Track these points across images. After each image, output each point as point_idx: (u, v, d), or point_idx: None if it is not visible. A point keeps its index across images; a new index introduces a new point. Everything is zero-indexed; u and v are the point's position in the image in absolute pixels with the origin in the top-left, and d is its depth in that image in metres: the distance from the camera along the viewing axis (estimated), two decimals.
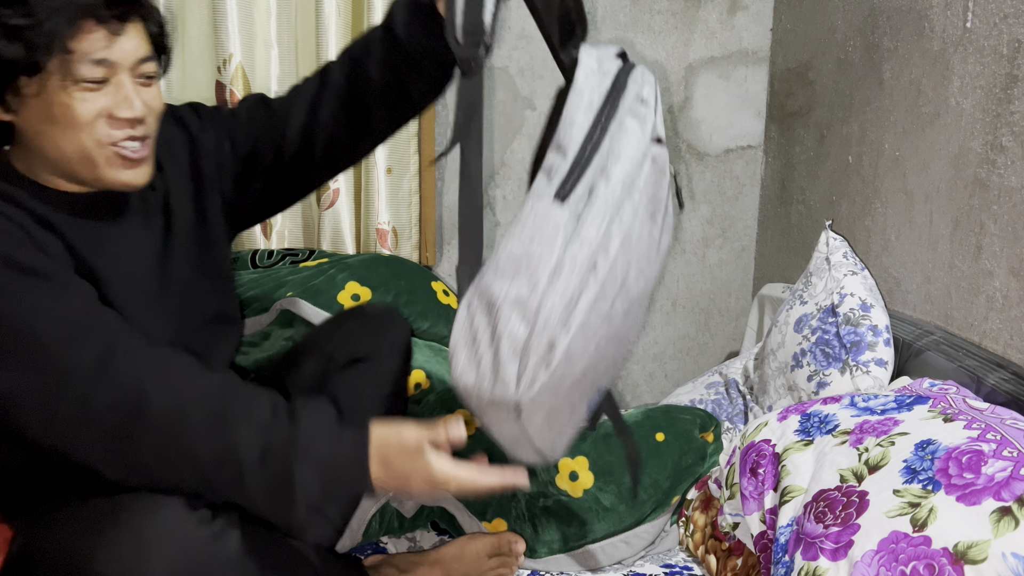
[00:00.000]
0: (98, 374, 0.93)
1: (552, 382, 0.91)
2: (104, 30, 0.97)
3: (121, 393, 0.93)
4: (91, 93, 0.98)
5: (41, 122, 0.99)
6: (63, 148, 1.00)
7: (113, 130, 1.00)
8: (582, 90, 0.98)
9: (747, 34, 2.20)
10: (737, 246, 2.31)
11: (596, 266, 0.92)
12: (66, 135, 0.99)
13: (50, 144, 1.00)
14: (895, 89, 1.61)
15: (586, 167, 0.95)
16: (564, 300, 0.90)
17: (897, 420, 1.13)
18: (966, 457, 0.99)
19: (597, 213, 0.93)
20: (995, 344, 1.32)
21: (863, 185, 1.73)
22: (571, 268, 0.91)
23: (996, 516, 0.91)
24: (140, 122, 1.02)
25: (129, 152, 1.01)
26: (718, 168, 2.26)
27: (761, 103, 2.23)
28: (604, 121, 0.97)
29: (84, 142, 0.99)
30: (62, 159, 1.01)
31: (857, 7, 1.75)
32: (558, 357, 0.90)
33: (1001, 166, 1.30)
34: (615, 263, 0.93)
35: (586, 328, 0.92)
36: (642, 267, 0.98)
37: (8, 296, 0.94)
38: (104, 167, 1.01)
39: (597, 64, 1.01)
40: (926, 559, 0.92)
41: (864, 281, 1.54)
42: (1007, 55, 1.29)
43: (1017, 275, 1.27)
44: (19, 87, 0.96)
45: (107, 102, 0.99)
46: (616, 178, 0.94)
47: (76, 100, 0.97)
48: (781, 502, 1.15)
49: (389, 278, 1.82)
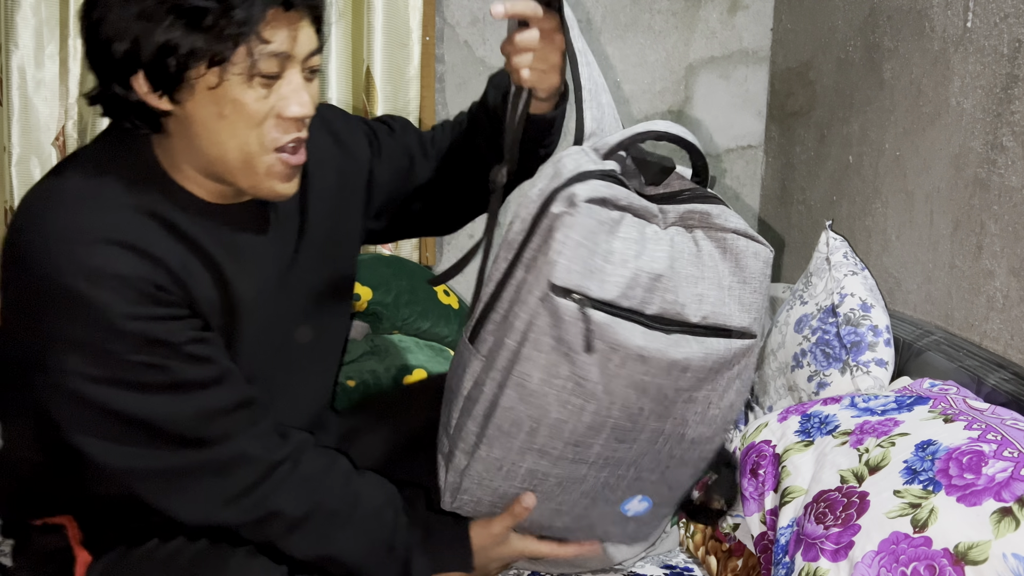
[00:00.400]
0: (249, 481, 0.97)
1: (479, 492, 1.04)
2: (287, 20, 0.89)
3: (268, 507, 0.98)
4: (264, 89, 0.89)
5: (209, 117, 0.89)
6: (226, 147, 0.91)
7: (280, 133, 0.92)
8: (511, 223, 0.95)
9: (747, 34, 2.20)
10: None
11: (495, 411, 0.97)
12: (234, 133, 0.90)
13: (212, 142, 0.91)
14: (895, 89, 1.60)
15: (489, 315, 0.96)
16: (475, 431, 0.99)
17: (897, 421, 1.13)
18: (967, 458, 0.99)
19: (501, 362, 0.95)
20: (996, 344, 1.32)
21: (863, 185, 1.72)
22: (478, 404, 0.98)
23: (997, 517, 0.91)
24: (306, 123, 0.94)
25: (291, 159, 0.93)
26: (718, 168, 2.26)
27: (761, 103, 2.23)
28: (512, 268, 0.93)
29: (250, 144, 0.91)
30: (219, 160, 0.92)
31: (857, 7, 1.75)
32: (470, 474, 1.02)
33: (1002, 166, 1.30)
34: (515, 410, 0.96)
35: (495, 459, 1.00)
36: (552, 411, 0.95)
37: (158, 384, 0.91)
38: (263, 175, 0.93)
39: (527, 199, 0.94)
40: (927, 560, 0.92)
41: (864, 281, 1.54)
42: (1007, 55, 1.29)
43: (1018, 275, 1.27)
44: (193, 77, 0.87)
45: (276, 100, 0.90)
46: (517, 329, 0.92)
47: (250, 96, 0.89)
48: (781, 503, 1.15)
49: (389, 278, 1.82)
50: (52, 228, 0.88)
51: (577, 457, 0.98)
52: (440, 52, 2.13)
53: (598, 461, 0.99)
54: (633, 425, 0.96)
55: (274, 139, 0.92)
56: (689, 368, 0.93)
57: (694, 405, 0.97)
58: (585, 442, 0.97)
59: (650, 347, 0.91)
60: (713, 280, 0.94)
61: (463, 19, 2.12)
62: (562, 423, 0.95)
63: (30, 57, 1.94)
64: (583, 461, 0.99)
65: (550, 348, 0.91)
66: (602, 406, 0.94)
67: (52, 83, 1.97)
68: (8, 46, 1.92)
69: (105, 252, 0.87)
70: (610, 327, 0.89)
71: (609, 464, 1.00)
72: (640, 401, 0.94)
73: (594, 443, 0.97)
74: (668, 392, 0.94)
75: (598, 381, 0.92)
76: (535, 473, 1.00)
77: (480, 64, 2.14)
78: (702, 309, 0.93)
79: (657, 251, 0.93)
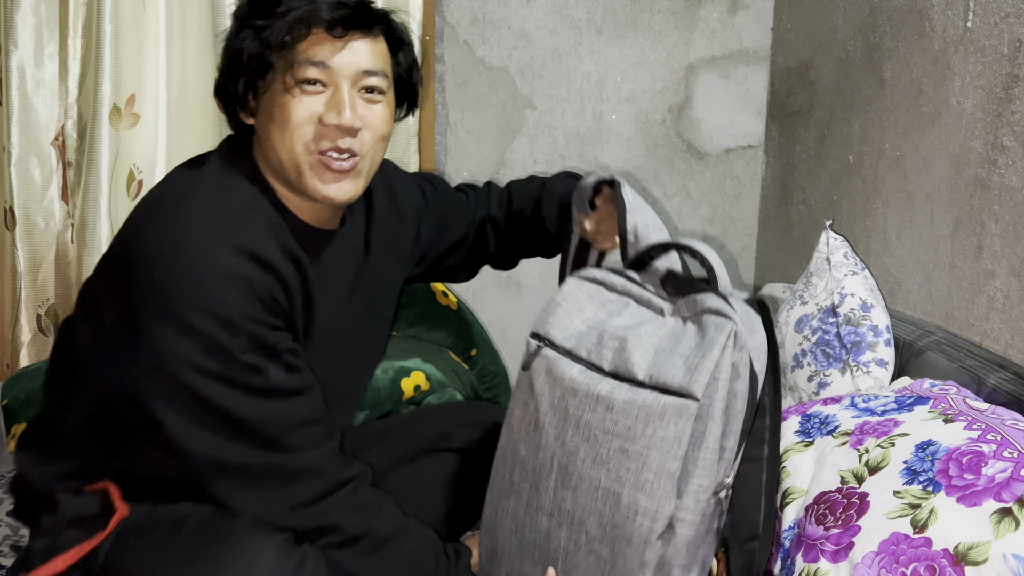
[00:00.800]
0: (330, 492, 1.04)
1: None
2: (329, 35, 1.00)
3: (329, 520, 1.05)
4: (308, 96, 1.00)
5: (266, 122, 1.02)
6: (279, 149, 1.01)
7: (322, 137, 1.01)
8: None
9: (747, 33, 2.20)
10: (737, 246, 2.30)
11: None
12: (282, 136, 1.01)
13: (270, 146, 1.02)
14: (896, 89, 1.60)
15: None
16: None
17: (897, 421, 1.13)
18: (966, 458, 0.99)
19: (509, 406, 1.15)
20: (996, 344, 1.32)
21: (864, 185, 1.72)
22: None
23: (997, 517, 0.91)
24: (351, 133, 1.02)
25: (333, 162, 1.02)
26: (718, 168, 2.25)
27: (761, 103, 2.23)
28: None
29: (294, 144, 1.00)
30: (277, 161, 1.03)
31: (858, 7, 1.75)
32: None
33: (1002, 166, 1.30)
34: (504, 448, 1.13)
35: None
36: (520, 447, 1.10)
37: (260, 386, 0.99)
38: (308, 174, 1.02)
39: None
40: (927, 560, 0.92)
41: (865, 281, 1.54)
42: (1008, 55, 1.29)
43: (1018, 275, 1.27)
44: (257, 88, 1.01)
45: (321, 107, 1.00)
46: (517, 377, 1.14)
47: (294, 101, 1.00)
48: (782, 504, 1.15)
49: None
50: (190, 224, 0.97)
51: (537, 504, 1.06)
52: (440, 52, 2.13)
53: (554, 512, 1.04)
54: (572, 467, 1.02)
55: (315, 142, 1.01)
56: (613, 407, 0.99)
57: (627, 459, 0.97)
58: (540, 483, 1.06)
59: (579, 379, 1.03)
60: (678, 351, 1.00)
61: (463, 19, 2.12)
62: (525, 459, 1.07)
63: (30, 57, 1.94)
64: (542, 510, 1.06)
65: (525, 387, 1.09)
66: (548, 440, 1.05)
67: (52, 83, 1.97)
68: (8, 46, 1.92)
69: (236, 257, 0.96)
70: (555, 361, 1.07)
71: (564, 520, 1.04)
72: (575, 438, 1.02)
73: (548, 484, 1.05)
74: (598, 432, 1.00)
75: (545, 413, 1.06)
76: (516, 519, 1.09)
77: (480, 64, 2.14)
78: (652, 369, 0.99)
79: (628, 321, 1.08)
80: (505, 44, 2.14)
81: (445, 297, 1.89)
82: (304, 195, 1.05)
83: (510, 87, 2.16)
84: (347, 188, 1.04)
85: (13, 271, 2.01)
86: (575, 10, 2.15)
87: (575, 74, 2.17)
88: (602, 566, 1.00)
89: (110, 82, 1.90)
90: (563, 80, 2.17)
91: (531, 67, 2.15)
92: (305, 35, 0.99)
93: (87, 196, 1.94)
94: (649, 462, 0.95)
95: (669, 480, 0.95)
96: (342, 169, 1.03)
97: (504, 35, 2.13)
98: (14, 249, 2.00)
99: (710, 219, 2.28)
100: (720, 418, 0.95)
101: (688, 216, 2.27)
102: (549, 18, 2.14)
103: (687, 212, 2.27)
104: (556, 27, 2.15)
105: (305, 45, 1.00)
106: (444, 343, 1.85)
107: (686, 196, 2.26)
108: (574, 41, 2.16)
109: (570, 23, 2.15)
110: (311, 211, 1.08)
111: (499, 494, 1.11)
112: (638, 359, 1.00)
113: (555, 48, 2.15)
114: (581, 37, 2.16)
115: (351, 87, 1.02)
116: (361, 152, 1.04)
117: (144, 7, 1.92)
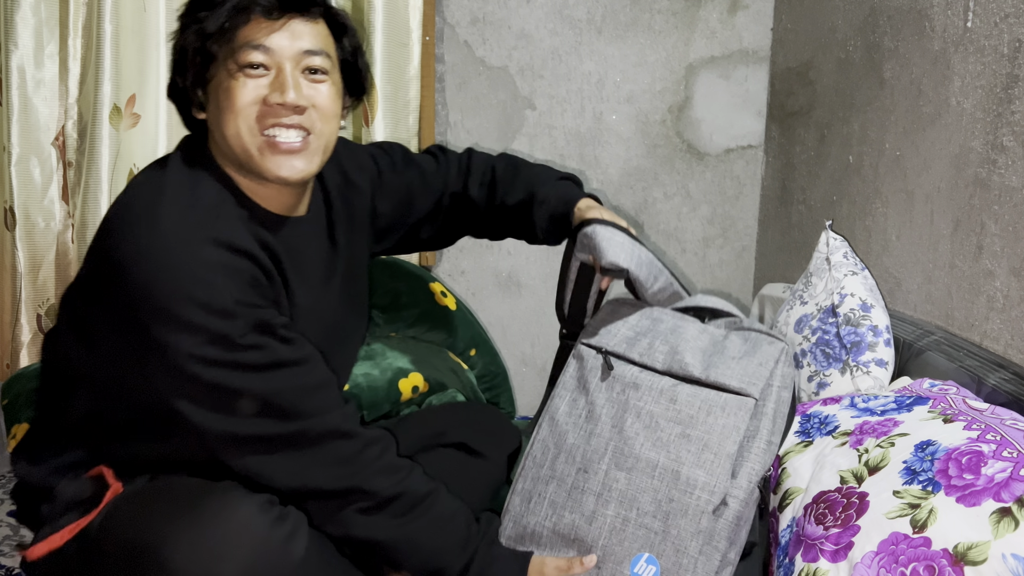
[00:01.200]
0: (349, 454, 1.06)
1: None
2: (266, 19, 1.02)
3: (359, 481, 1.06)
4: (252, 80, 1.02)
5: (215, 112, 1.04)
6: (227, 135, 1.03)
7: (266, 116, 1.03)
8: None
9: (747, 34, 2.20)
10: (737, 246, 2.30)
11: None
12: (228, 120, 1.02)
13: (220, 133, 1.04)
14: (896, 89, 1.60)
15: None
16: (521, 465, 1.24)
17: (897, 421, 1.13)
18: (966, 458, 0.99)
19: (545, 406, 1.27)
20: (996, 344, 1.32)
21: (863, 185, 1.72)
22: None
23: (996, 517, 0.91)
24: (296, 111, 1.03)
25: (281, 141, 1.03)
26: (718, 168, 2.25)
27: (761, 103, 2.23)
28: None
29: (240, 126, 1.02)
30: (228, 148, 1.04)
31: (857, 7, 1.75)
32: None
33: (1002, 166, 1.30)
34: (544, 441, 1.23)
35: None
36: (569, 437, 1.20)
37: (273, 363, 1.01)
38: (257, 156, 1.04)
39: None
40: (926, 560, 0.92)
41: (864, 281, 1.54)
42: (1008, 55, 1.29)
43: (1018, 275, 1.27)
44: (205, 81, 1.04)
45: (265, 89, 1.03)
46: (558, 380, 1.28)
47: (238, 84, 1.02)
48: (781, 505, 1.15)
49: (387, 280, 1.82)
50: (166, 224, 0.99)
51: (584, 486, 1.15)
52: (440, 52, 2.13)
53: (603, 492, 1.13)
54: (630, 451, 1.13)
55: (259, 122, 1.03)
56: (677, 399, 1.14)
57: (688, 443, 1.11)
58: (591, 467, 1.15)
59: (641, 377, 1.18)
60: (726, 353, 1.16)
61: (463, 19, 2.12)
62: (574, 447, 1.18)
63: (30, 57, 1.94)
64: (589, 491, 1.14)
65: (572, 387, 1.23)
66: (604, 428, 1.17)
67: (52, 83, 1.97)
68: (8, 46, 1.92)
69: (216, 248, 0.99)
70: (618, 363, 1.21)
71: (613, 498, 1.13)
72: (635, 426, 1.14)
73: (599, 468, 1.14)
74: (660, 420, 1.13)
75: (602, 406, 1.18)
76: (555, 504, 1.16)
77: (480, 64, 2.14)
78: (706, 370, 1.14)
79: (671, 326, 1.23)
80: (505, 44, 2.14)
81: (444, 297, 1.89)
82: (258, 178, 1.06)
83: (510, 87, 2.16)
84: (298, 166, 1.05)
85: (13, 271, 2.01)
86: (575, 10, 2.15)
87: (575, 74, 2.17)
88: (652, 538, 1.10)
89: (110, 82, 1.90)
90: (563, 80, 2.17)
91: (531, 67, 2.15)
92: (244, 21, 1.01)
93: (87, 196, 1.94)
94: (710, 444, 1.10)
95: (728, 460, 1.09)
96: (292, 148, 1.04)
97: (504, 35, 2.13)
98: (14, 249, 2.00)
99: (710, 219, 2.28)
100: (771, 418, 1.12)
101: (688, 216, 2.27)
102: (549, 18, 2.14)
103: (687, 212, 2.27)
104: (556, 27, 2.15)
105: (245, 31, 1.01)
106: (444, 343, 1.85)
107: (686, 196, 2.26)
108: (574, 41, 2.16)
109: (570, 23, 2.15)
110: (275, 199, 1.09)
111: (535, 482, 1.19)
112: (691, 360, 1.15)
113: (555, 48, 2.15)
114: (581, 37, 2.16)
115: (294, 68, 1.03)
116: (312, 129, 1.05)
117: (144, 7, 1.92)
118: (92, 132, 1.92)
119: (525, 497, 1.19)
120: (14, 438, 1.69)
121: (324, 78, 1.06)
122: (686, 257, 2.29)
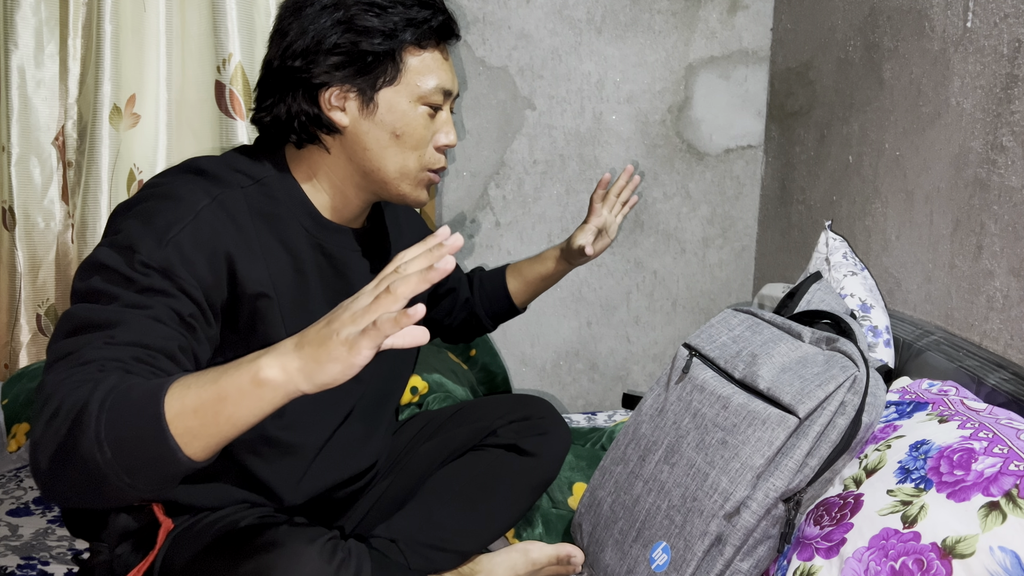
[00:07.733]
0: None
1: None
2: (445, 60, 1.09)
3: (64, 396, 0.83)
4: (430, 119, 1.08)
5: (384, 135, 1.06)
6: (387, 162, 1.07)
7: (433, 156, 1.10)
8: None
9: (747, 34, 2.20)
10: (737, 246, 2.30)
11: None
12: (400, 151, 1.07)
13: (375, 156, 1.06)
14: (895, 89, 1.60)
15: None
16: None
17: (896, 426, 1.14)
18: (957, 455, 1.00)
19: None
20: (995, 344, 1.32)
21: (863, 185, 1.72)
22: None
23: (984, 511, 0.92)
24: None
25: (436, 177, 1.12)
26: (718, 168, 2.25)
27: (761, 103, 2.23)
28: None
29: (411, 162, 1.08)
30: (375, 171, 1.07)
31: (857, 7, 1.75)
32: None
33: (1002, 166, 1.30)
34: (628, 428, 1.37)
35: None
36: (642, 427, 1.34)
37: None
38: (412, 185, 1.10)
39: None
40: (915, 554, 0.93)
41: (864, 281, 1.54)
42: (1007, 55, 1.29)
43: (1018, 275, 1.27)
44: (377, 99, 1.04)
45: (436, 129, 1.09)
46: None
47: (419, 118, 1.06)
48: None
49: None
50: (194, 172, 1.00)
51: (639, 472, 1.27)
52: None
53: (649, 480, 1.25)
54: (679, 447, 1.23)
55: (431, 160, 1.10)
56: (728, 406, 1.19)
57: (724, 449, 1.16)
58: (647, 456, 1.27)
59: (711, 381, 1.25)
60: (801, 373, 1.17)
61: (463, 19, 2.12)
62: (643, 436, 1.31)
63: (30, 57, 1.94)
64: (640, 477, 1.26)
65: (663, 383, 1.35)
66: (667, 424, 1.28)
67: (52, 83, 1.97)
68: (8, 46, 1.92)
69: (216, 210, 0.97)
70: (696, 365, 1.30)
71: (654, 488, 1.23)
72: (688, 425, 1.23)
73: (653, 458, 1.26)
74: (709, 424, 1.20)
75: (672, 403, 1.29)
76: (618, 483, 1.30)
77: (480, 64, 2.14)
78: (773, 384, 1.17)
79: (765, 339, 1.28)
80: (505, 44, 2.14)
81: None
82: (377, 196, 1.11)
83: (510, 87, 2.16)
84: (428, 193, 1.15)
85: (13, 271, 2.01)
86: (575, 10, 2.15)
87: (575, 74, 2.17)
88: (672, 530, 1.18)
89: (110, 82, 1.90)
90: (563, 80, 2.17)
91: (531, 67, 2.15)
92: (429, 46, 1.06)
93: (87, 196, 1.94)
94: (740, 454, 1.14)
95: (751, 472, 1.12)
96: (437, 180, 1.13)
97: (504, 35, 2.14)
98: (14, 249, 2.00)
99: (710, 219, 2.28)
100: (812, 439, 1.11)
101: (688, 216, 2.27)
102: (549, 18, 2.14)
103: (687, 212, 2.27)
104: (556, 27, 2.15)
105: (428, 60, 1.06)
106: (443, 344, 1.85)
107: (686, 196, 2.26)
108: (574, 41, 2.16)
109: (570, 23, 2.15)
110: (332, 208, 1.11)
111: (612, 461, 1.34)
112: (764, 373, 1.19)
113: (555, 48, 2.15)
114: (581, 37, 2.16)
115: (449, 108, 1.12)
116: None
117: (144, 7, 1.92)
118: (92, 132, 1.92)
119: (603, 472, 1.35)
120: (14, 438, 1.69)
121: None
122: (686, 257, 2.29)
